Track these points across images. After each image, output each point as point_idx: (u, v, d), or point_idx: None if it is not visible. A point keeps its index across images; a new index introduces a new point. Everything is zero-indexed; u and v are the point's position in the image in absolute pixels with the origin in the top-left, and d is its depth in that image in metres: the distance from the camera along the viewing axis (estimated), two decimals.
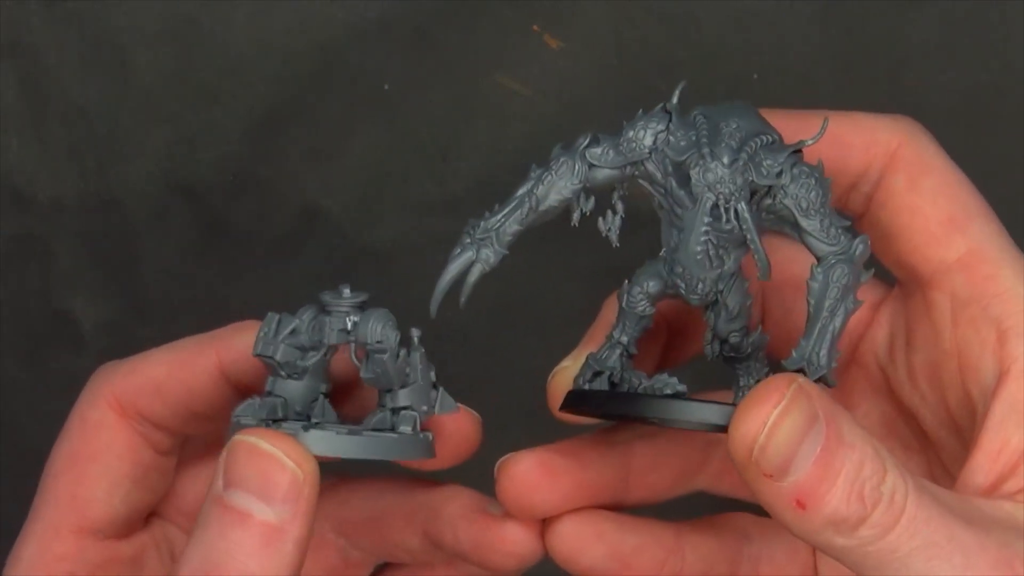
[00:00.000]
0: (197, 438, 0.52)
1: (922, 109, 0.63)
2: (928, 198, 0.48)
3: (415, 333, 0.49)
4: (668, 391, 0.48)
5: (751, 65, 0.64)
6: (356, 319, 0.48)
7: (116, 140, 0.67)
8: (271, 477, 0.44)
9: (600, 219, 0.48)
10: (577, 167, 0.47)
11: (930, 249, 0.48)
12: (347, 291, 0.48)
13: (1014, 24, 0.62)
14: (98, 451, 0.50)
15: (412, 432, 0.48)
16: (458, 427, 0.50)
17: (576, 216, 0.48)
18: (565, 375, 0.51)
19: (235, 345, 0.50)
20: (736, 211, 0.45)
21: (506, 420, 0.66)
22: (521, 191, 0.48)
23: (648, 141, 0.47)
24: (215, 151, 0.67)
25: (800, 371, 0.45)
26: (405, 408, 0.48)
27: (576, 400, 0.49)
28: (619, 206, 0.48)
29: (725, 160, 0.45)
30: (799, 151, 0.45)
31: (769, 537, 0.53)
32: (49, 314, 0.69)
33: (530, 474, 0.50)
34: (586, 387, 0.49)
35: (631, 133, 0.47)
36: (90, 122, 0.67)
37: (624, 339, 0.50)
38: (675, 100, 0.46)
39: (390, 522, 0.52)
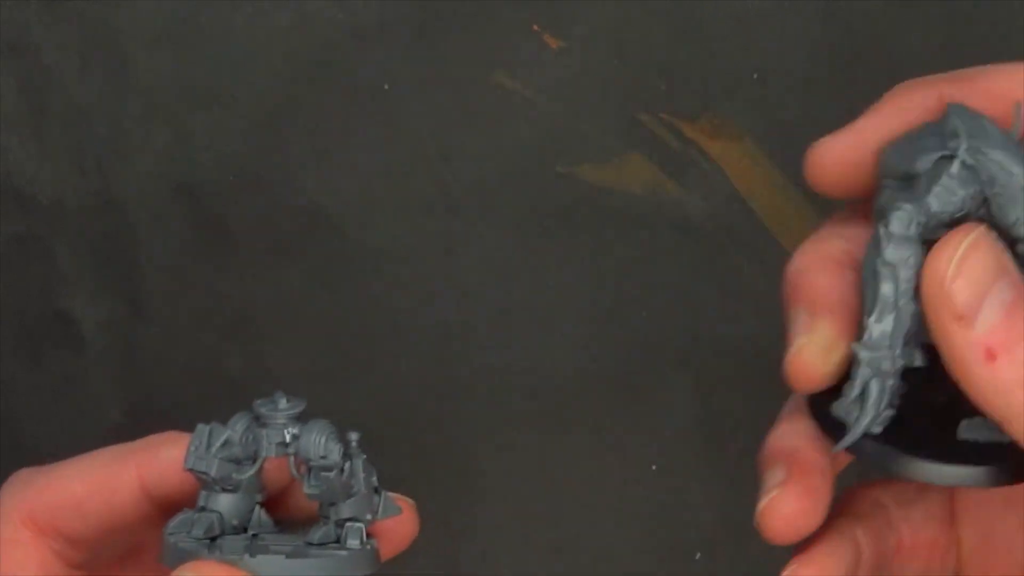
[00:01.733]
0: (109, 550, 0.51)
1: None
2: None
3: (354, 438, 0.48)
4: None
5: (751, 65, 0.64)
6: (295, 431, 0.47)
7: (116, 140, 0.67)
8: None
9: None
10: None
11: None
12: (283, 401, 0.47)
13: (1014, 24, 0.62)
14: (9, 571, 0.49)
15: (360, 546, 0.47)
16: (398, 522, 0.49)
17: None
18: (816, 355, 0.44)
19: (157, 459, 0.49)
20: None
21: (506, 420, 0.67)
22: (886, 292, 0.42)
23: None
24: (215, 151, 0.67)
25: None
26: (350, 520, 0.47)
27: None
28: None
29: None
30: None
31: (903, 501, 0.50)
32: (49, 314, 0.69)
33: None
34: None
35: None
36: (90, 122, 0.67)
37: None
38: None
39: None
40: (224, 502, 0.47)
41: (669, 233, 0.64)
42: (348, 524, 0.47)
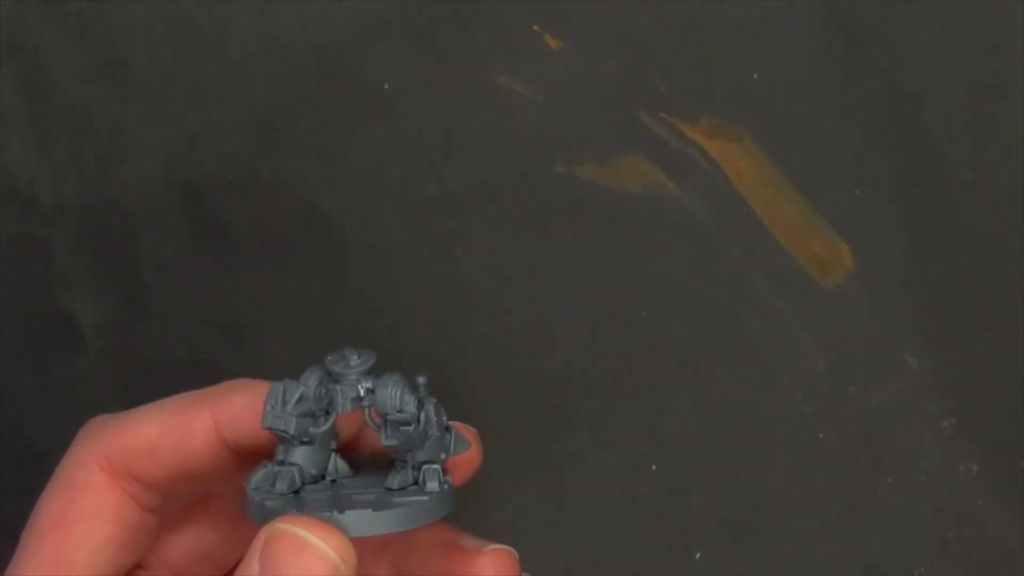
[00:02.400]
0: (182, 494, 0.52)
1: (922, 109, 0.63)
2: None
3: (421, 382, 0.48)
4: None
5: (751, 65, 0.64)
6: (369, 386, 0.48)
7: (116, 140, 0.67)
8: (313, 569, 0.44)
9: None
10: None
11: None
12: (355, 358, 0.48)
13: (1014, 24, 0.62)
14: (85, 513, 0.50)
15: (439, 488, 0.48)
16: (467, 455, 0.50)
17: None
18: None
19: (230, 405, 0.50)
20: None
21: (506, 420, 0.67)
22: None
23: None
24: (215, 151, 0.67)
25: None
26: (426, 462, 0.48)
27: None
28: None
29: None
30: None
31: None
32: (49, 314, 0.69)
33: None
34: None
35: None
36: (90, 122, 0.67)
37: None
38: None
39: (361, 553, 0.52)
40: (301, 454, 0.48)
41: (669, 233, 0.65)
42: (425, 467, 0.48)
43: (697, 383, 0.66)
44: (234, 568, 0.52)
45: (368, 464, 0.50)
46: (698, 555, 0.66)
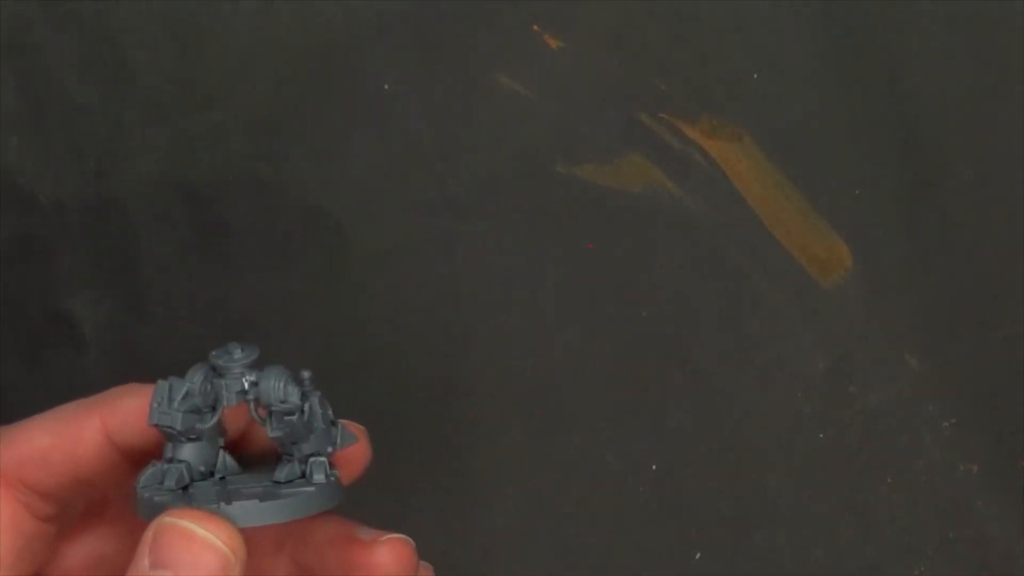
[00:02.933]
0: (77, 501, 0.52)
1: (922, 109, 0.63)
2: None
3: (306, 376, 0.49)
4: None
5: (751, 65, 0.64)
6: (252, 379, 0.48)
7: (116, 140, 0.67)
8: (202, 560, 0.44)
9: None
10: None
11: None
12: (238, 351, 0.48)
13: (1014, 24, 0.62)
14: None
15: (326, 479, 0.48)
16: (354, 449, 0.50)
17: None
18: None
19: (119, 409, 0.50)
20: None
21: (506, 420, 0.67)
22: None
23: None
24: (215, 151, 0.67)
25: None
26: (312, 455, 0.48)
27: None
28: None
29: None
30: None
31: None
32: (49, 314, 0.69)
33: None
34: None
35: None
36: (90, 122, 0.67)
37: None
38: None
39: (259, 551, 0.52)
40: (190, 451, 0.48)
41: (669, 233, 0.64)
42: (311, 459, 0.48)
43: (697, 383, 0.66)
44: None
45: (257, 461, 0.51)
46: (698, 555, 0.66)
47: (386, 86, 0.65)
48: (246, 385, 0.48)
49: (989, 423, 0.64)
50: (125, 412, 0.50)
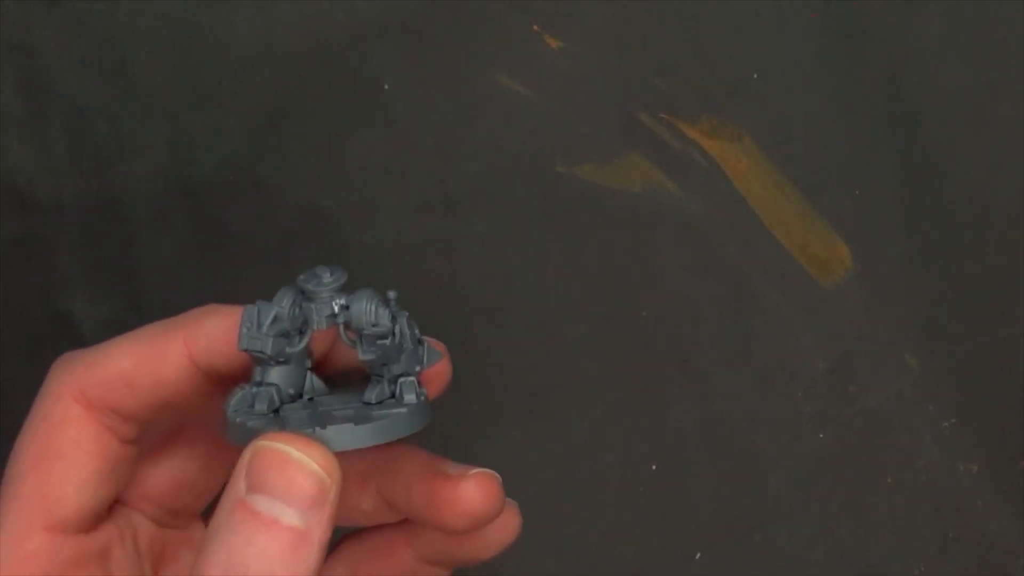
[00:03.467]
0: (159, 424, 0.52)
1: (922, 109, 0.63)
2: None
3: (392, 296, 0.48)
4: None
5: (751, 65, 0.64)
6: (342, 302, 0.48)
7: (116, 140, 0.67)
8: (299, 483, 0.44)
9: None
10: None
11: None
12: (327, 275, 0.48)
13: (1014, 24, 0.62)
14: (65, 447, 0.49)
15: (417, 400, 0.48)
16: (438, 368, 0.50)
17: None
18: None
19: (203, 331, 0.50)
20: None
21: (505, 420, 0.67)
22: None
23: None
24: (215, 151, 0.67)
25: None
26: (401, 375, 0.48)
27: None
28: None
29: None
30: None
31: None
32: (49, 314, 0.69)
33: None
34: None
35: None
36: (90, 122, 0.67)
37: None
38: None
39: (346, 483, 0.52)
40: (278, 374, 0.48)
41: (669, 233, 0.65)
42: (401, 379, 0.48)
43: (697, 383, 0.66)
44: (217, 497, 0.51)
45: (341, 381, 0.50)
46: (698, 555, 0.66)
47: (386, 86, 0.65)
48: (336, 309, 0.48)
49: (989, 423, 0.64)
50: (208, 334, 0.49)
